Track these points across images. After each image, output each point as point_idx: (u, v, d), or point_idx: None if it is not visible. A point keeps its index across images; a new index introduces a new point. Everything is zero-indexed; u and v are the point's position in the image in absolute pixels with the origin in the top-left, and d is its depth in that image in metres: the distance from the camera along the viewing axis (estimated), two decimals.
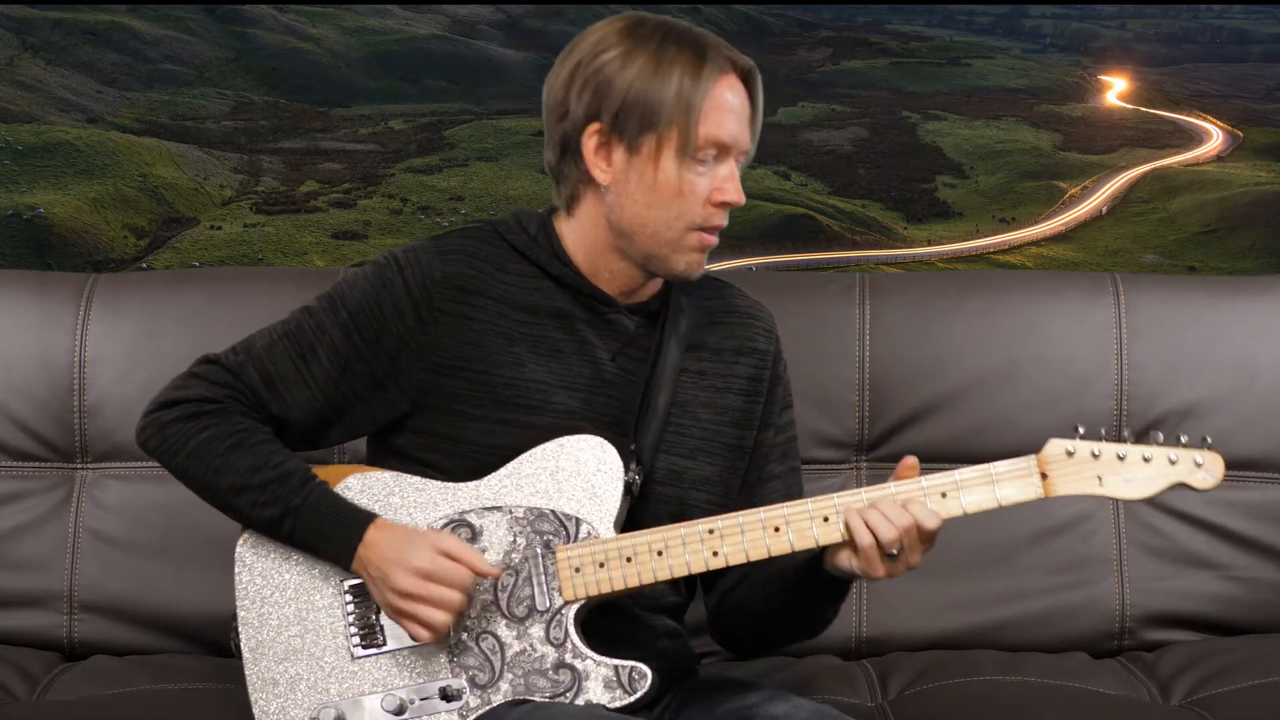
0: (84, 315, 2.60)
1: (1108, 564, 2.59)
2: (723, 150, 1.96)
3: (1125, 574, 2.59)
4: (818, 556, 1.96)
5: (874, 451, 2.62)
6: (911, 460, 1.95)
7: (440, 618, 1.89)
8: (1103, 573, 2.58)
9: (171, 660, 2.49)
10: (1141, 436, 1.94)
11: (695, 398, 2.07)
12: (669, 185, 1.94)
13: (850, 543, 1.90)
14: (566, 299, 2.02)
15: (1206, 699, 2.36)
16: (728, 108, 1.95)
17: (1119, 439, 1.92)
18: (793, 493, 2.11)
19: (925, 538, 1.90)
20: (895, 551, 1.89)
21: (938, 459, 2.61)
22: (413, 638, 1.92)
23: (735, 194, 1.97)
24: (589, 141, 1.96)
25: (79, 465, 2.60)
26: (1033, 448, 2.57)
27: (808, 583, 1.99)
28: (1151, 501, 1.94)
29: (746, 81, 1.99)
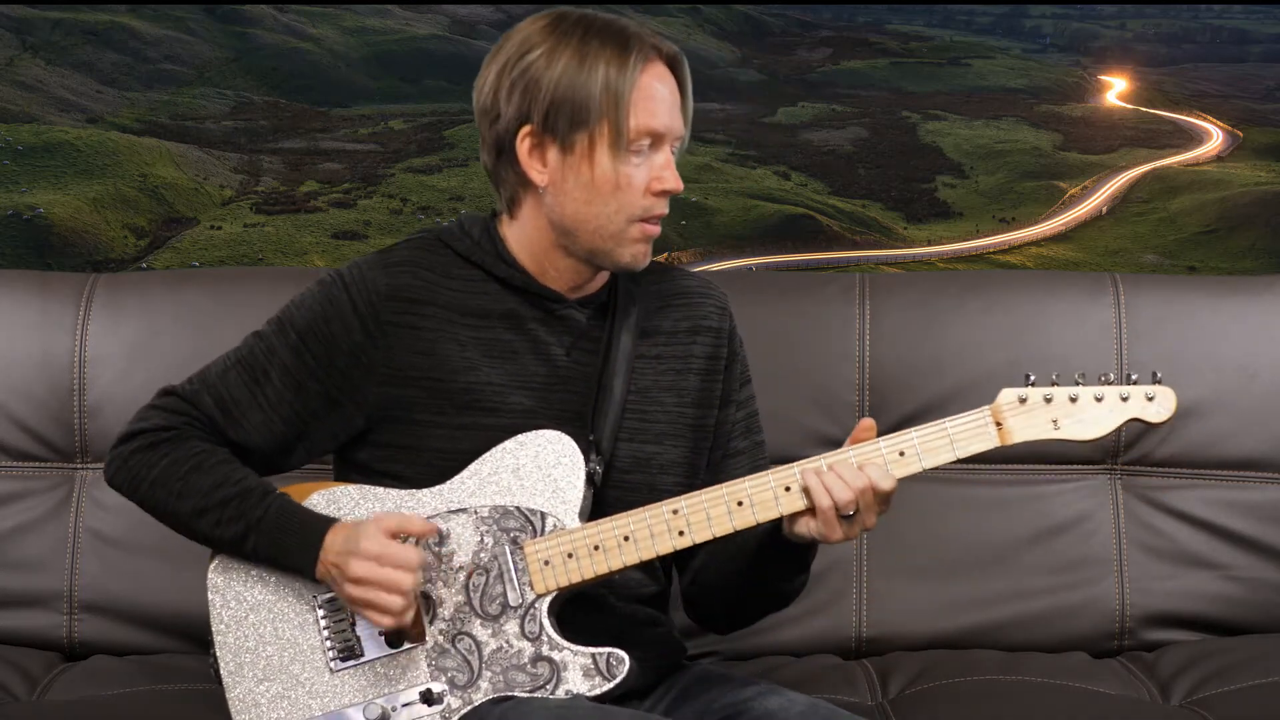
0: (84, 315, 2.60)
1: (1108, 564, 2.59)
2: (656, 139, 1.96)
3: (1125, 574, 2.59)
4: (778, 527, 1.97)
5: None
6: (868, 422, 1.96)
7: (395, 601, 1.90)
8: (1103, 573, 2.58)
9: (171, 660, 2.49)
10: (1091, 379, 1.94)
11: (655, 383, 2.08)
12: (606, 180, 1.95)
13: (810, 508, 1.91)
14: (515, 300, 2.03)
15: (1206, 699, 2.36)
16: (657, 96, 1.96)
17: (1071, 382, 1.93)
18: (759, 466, 2.13)
19: (880, 499, 1.92)
20: (851, 513, 1.90)
21: None
22: (376, 625, 1.93)
23: (674, 181, 1.98)
24: (522, 145, 1.97)
25: (79, 465, 2.60)
26: (1033, 447, 2.58)
27: (769, 553, 2.01)
28: (1108, 439, 1.94)
29: (673, 67, 2.00)
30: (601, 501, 2.01)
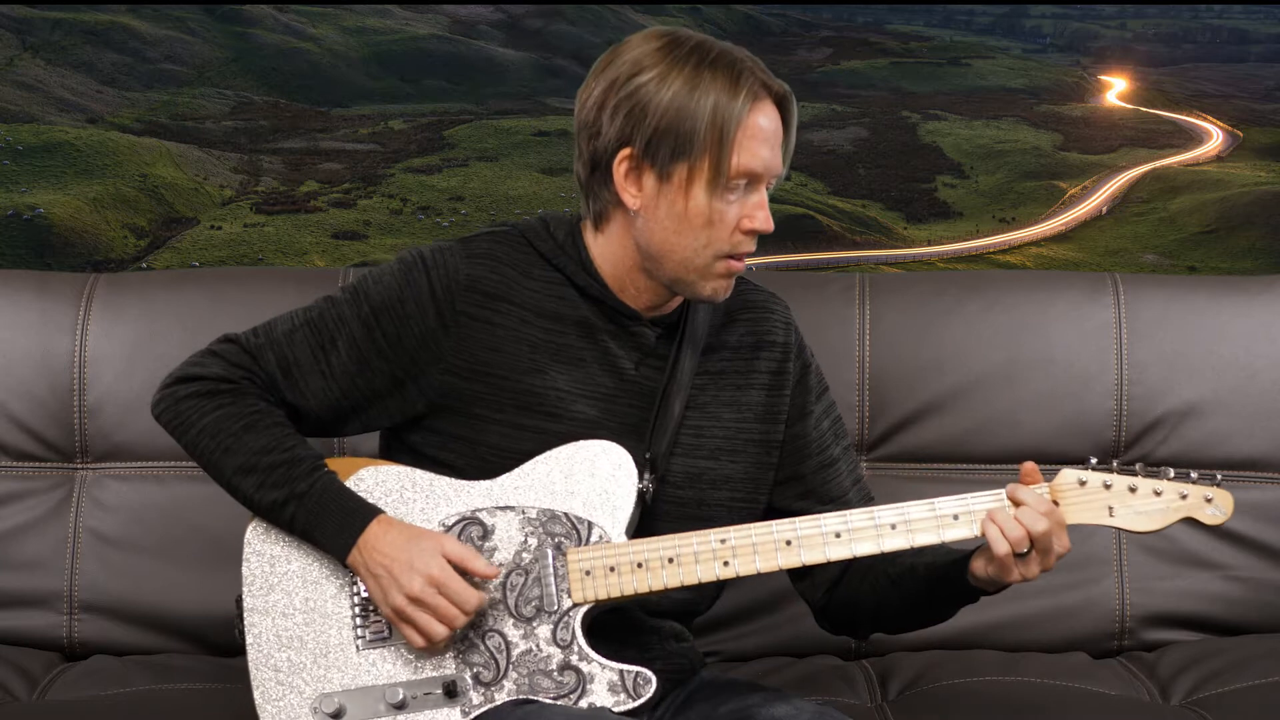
0: (84, 315, 2.60)
1: (1108, 564, 2.59)
2: (754, 179, 1.94)
3: (1125, 574, 2.59)
4: (957, 562, 1.97)
5: (874, 451, 2.62)
6: (1030, 466, 1.96)
7: (441, 631, 1.89)
8: (1103, 573, 2.58)
9: (171, 660, 2.49)
10: (1153, 471, 1.95)
11: (715, 398, 2.06)
12: (699, 214, 1.93)
13: (987, 549, 1.90)
14: (590, 309, 2.01)
15: (1206, 699, 2.36)
16: (761, 136, 1.93)
17: (1131, 472, 1.93)
18: (856, 473, 2.13)
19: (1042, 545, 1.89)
20: (1024, 550, 1.88)
21: (938, 459, 2.61)
22: (408, 641, 1.92)
23: (765, 222, 1.95)
24: (620, 166, 1.94)
25: (79, 465, 2.60)
26: (1033, 447, 2.58)
27: (939, 585, 2.00)
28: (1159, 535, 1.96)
29: (781, 106, 1.97)
30: (651, 514, 2.00)
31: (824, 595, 2.12)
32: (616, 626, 1.99)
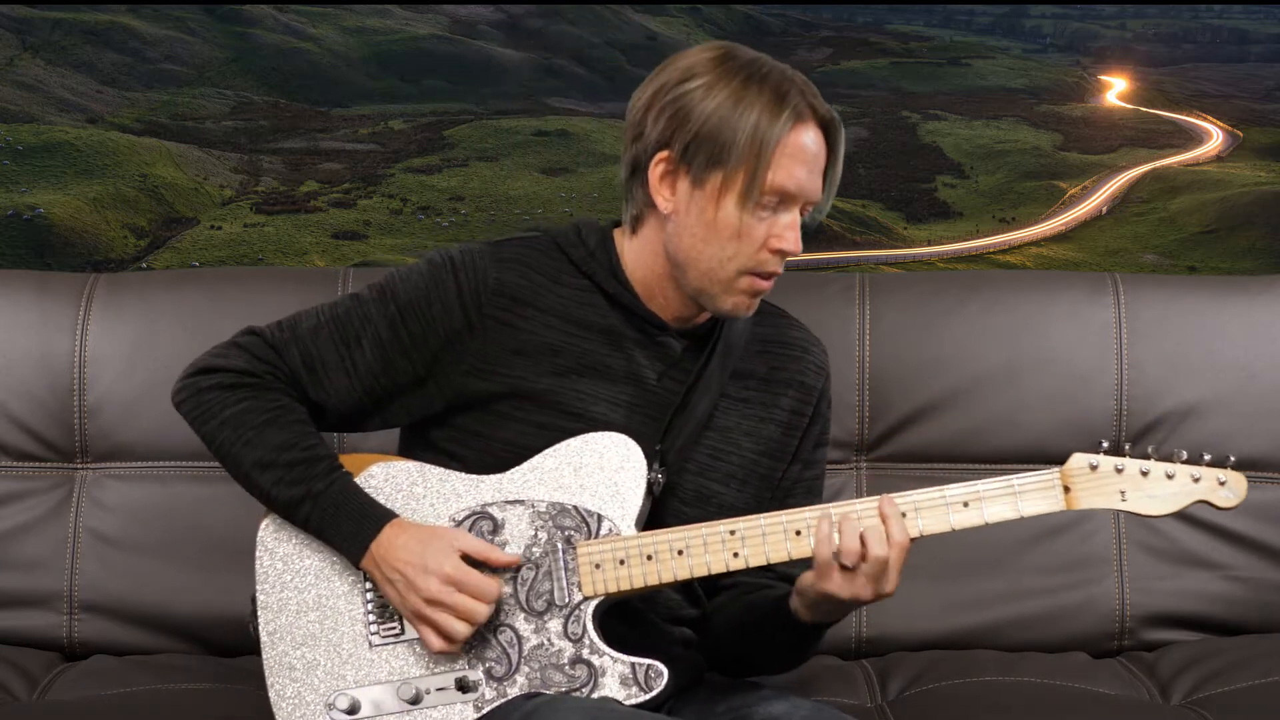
0: (84, 315, 2.60)
1: (1108, 564, 2.59)
2: (788, 198, 1.93)
3: (1125, 574, 2.59)
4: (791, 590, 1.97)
5: (874, 451, 2.62)
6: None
7: (462, 629, 1.89)
8: (1103, 573, 2.58)
9: (171, 660, 2.49)
10: (1165, 455, 1.94)
11: (737, 425, 2.06)
12: (727, 225, 1.92)
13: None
14: (618, 317, 2.01)
15: (1206, 699, 2.36)
16: (800, 157, 1.92)
17: (1143, 455, 1.92)
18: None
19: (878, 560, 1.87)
20: (849, 564, 1.87)
21: (938, 459, 2.61)
22: (427, 644, 1.92)
23: (794, 244, 1.94)
24: (656, 168, 1.94)
25: (79, 465, 2.60)
26: (1033, 447, 2.58)
27: (772, 611, 2.01)
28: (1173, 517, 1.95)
29: (826, 131, 1.96)
30: (657, 525, 1.99)
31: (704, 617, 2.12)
32: (628, 631, 1.99)
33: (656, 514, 2.00)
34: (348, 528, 1.94)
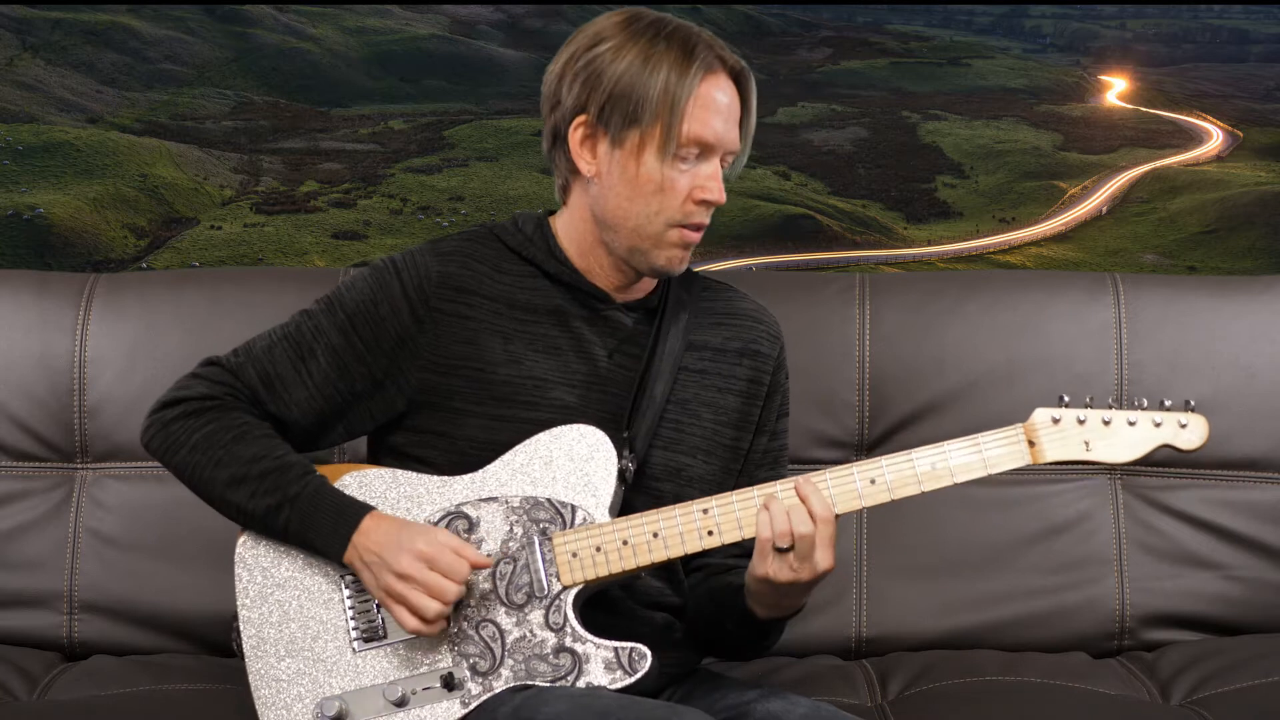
0: (84, 315, 2.60)
1: (1108, 564, 2.59)
2: (706, 149, 1.97)
3: (1125, 574, 2.59)
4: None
5: (874, 451, 2.62)
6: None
7: (434, 606, 1.90)
8: (1103, 573, 2.58)
9: (171, 660, 2.49)
10: (1126, 403, 1.96)
11: (696, 396, 2.08)
12: (650, 180, 1.96)
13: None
14: (563, 296, 2.04)
15: (1206, 699, 2.36)
16: (714, 107, 1.96)
17: (1105, 406, 1.94)
18: None
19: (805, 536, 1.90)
20: (785, 546, 1.90)
21: None
22: (402, 625, 1.93)
23: (717, 193, 1.98)
24: (575, 133, 1.99)
25: (79, 465, 2.60)
26: None
27: (729, 592, 2.03)
28: (1143, 462, 1.95)
29: (737, 81, 2.00)
30: (631, 506, 2.01)
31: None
32: (612, 622, 2.00)
33: (633, 494, 2.02)
34: (327, 525, 1.95)
